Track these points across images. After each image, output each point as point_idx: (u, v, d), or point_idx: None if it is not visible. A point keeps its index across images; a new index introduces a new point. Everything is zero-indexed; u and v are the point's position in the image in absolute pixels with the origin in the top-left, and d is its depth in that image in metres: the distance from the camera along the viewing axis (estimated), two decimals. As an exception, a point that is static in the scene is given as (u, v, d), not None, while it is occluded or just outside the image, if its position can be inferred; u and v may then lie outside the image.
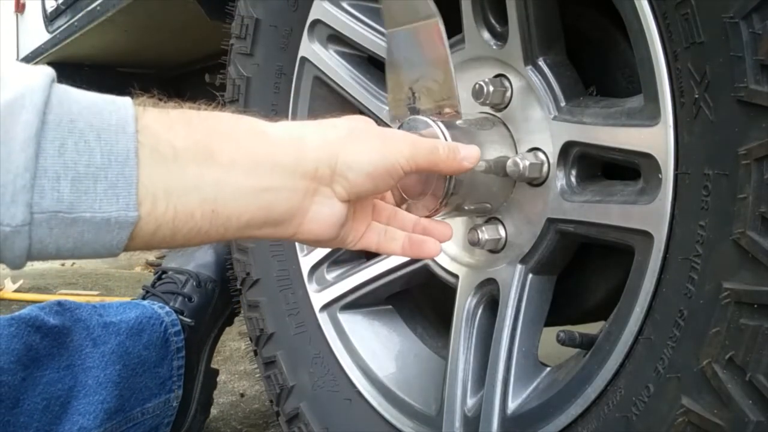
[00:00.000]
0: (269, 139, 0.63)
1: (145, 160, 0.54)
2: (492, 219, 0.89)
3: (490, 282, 0.90)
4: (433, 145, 0.71)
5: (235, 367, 1.88)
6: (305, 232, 0.65)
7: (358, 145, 0.66)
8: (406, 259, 1.03)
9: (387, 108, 1.03)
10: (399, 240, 0.76)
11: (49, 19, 2.26)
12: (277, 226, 0.64)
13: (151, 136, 0.55)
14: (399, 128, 0.83)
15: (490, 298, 0.91)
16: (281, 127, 0.65)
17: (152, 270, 3.32)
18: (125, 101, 0.56)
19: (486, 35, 0.89)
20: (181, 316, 1.33)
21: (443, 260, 0.98)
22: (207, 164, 0.57)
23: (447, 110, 0.84)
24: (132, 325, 1.22)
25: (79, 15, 2.00)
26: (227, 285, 1.40)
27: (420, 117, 0.82)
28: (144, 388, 1.23)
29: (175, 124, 0.57)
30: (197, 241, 0.59)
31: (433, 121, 0.80)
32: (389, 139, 0.69)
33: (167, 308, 1.32)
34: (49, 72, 0.53)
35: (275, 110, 1.17)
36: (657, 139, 0.68)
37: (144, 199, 0.54)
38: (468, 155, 0.73)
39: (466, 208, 0.86)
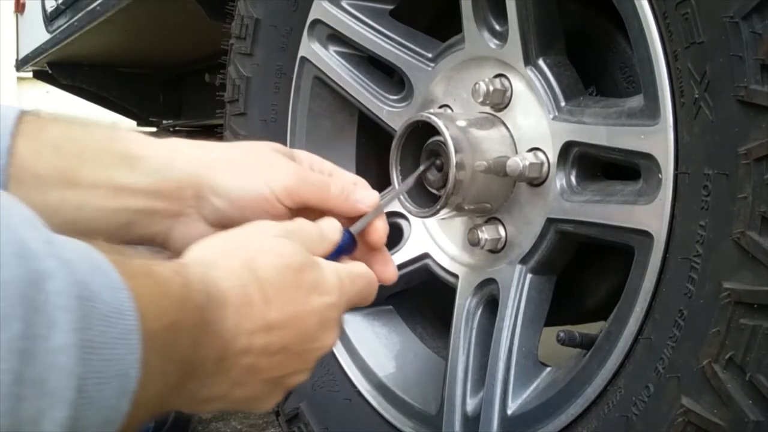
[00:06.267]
0: (139, 164, 0.62)
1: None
2: (492, 219, 0.89)
3: (490, 282, 0.90)
4: (325, 183, 0.66)
5: (234, 367, 1.88)
6: (177, 252, 0.60)
7: (230, 171, 0.63)
8: (406, 258, 1.02)
9: (387, 107, 1.03)
10: None
11: (49, 19, 2.26)
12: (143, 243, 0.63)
13: (17, 165, 0.57)
14: (405, 127, 0.82)
15: (490, 298, 0.91)
16: (157, 147, 0.63)
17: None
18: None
19: (486, 35, 0.89)
20: None
21: (443, 260, 0.98)
22: (69, 189, 0.59)
23: None
24: None
25: (79, 15, 1.99)
26: None
27: (423, 114, 0.82)
28: None
29: (44, 151, 0.59)
30: None
31: (437, 119, 0.80)
32: (271, 168, 0.64)
33: None
34: None
35: (275, 110, 1.17)
36: (657, 139, 0.68)
37: None
38: (363, 199, 0.67)
39: (466, 208, 0.86)
